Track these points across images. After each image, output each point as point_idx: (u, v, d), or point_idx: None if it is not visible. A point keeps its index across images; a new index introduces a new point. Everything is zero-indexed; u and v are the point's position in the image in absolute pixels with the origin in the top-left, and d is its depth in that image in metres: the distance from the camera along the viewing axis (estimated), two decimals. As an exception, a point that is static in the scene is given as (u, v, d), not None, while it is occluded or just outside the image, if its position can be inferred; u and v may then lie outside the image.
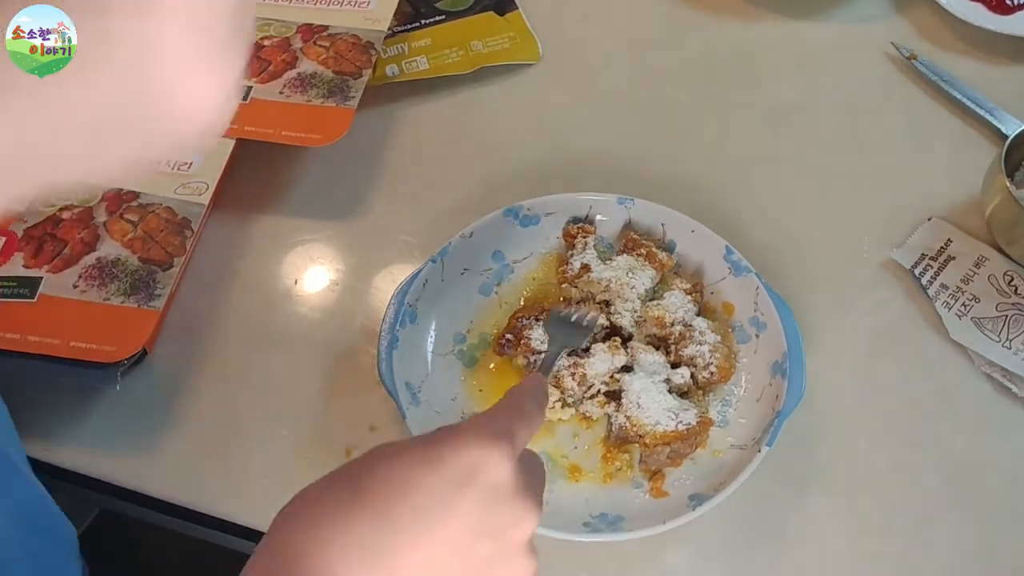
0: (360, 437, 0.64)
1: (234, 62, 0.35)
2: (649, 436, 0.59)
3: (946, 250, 0.71)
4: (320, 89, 0.77)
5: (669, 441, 0.59)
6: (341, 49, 0.80)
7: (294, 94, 0.77)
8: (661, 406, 0.60)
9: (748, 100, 0.83)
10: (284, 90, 0.78)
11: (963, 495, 0.62)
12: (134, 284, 0.66)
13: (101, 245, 0.68)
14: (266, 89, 0.78)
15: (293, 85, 0.78)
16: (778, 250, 0.72)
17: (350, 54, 0.80)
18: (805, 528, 0.61)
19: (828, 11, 0.89)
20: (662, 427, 0.59)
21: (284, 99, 0.77)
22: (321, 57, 0.80)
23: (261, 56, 0.80)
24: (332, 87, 0.78)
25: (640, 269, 0.66)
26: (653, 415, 0.60)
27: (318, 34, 0.82)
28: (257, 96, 0.77)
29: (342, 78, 0.78)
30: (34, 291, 0.65)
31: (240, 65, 0.35)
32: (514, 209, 0.69)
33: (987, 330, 0.67)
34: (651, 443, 0.59)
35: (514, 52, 0.85)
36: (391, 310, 0.64)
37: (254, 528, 0.62)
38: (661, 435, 0.59)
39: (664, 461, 0.60)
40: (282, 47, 0.81)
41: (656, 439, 0.59)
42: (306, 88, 0.78)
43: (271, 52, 0.80)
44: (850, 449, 0.63)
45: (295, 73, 0.79)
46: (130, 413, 0.66)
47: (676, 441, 0.59)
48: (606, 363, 0.62)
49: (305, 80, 0.78)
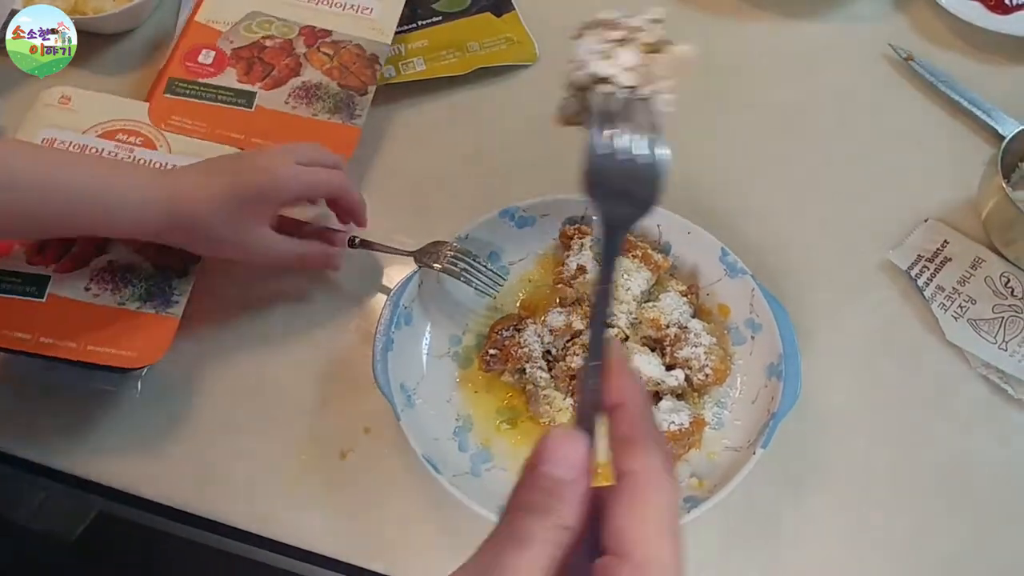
0: (355, 439, 0.64)
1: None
2: None
3: (942, 251, 0.71)
4: (326, 103, 0.78)
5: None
6: (346, 60, 0.80)
7: (300, 106, 0.77)
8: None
9: (744, 100, 0.83)
10: (289, 100, 0.78)
11: (959, 496, 0.62)
12: (149, 290, 0.66)
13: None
14: (271, 97, 0.78)
15: (299, 96, 0.78)
16: (774, 252, 0.72)
17: (355, 67, 0.80)
18: (801, 529, 0.61)
19: (826, 11, 0.89)
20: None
21: (290, 110, 0.77)
22: (326, 67, 0.80)
23: (264, 59, 0.80)
24: (338, 102, 0.78)
25: (636, 271, 0.66)
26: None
27: (321, 39, 0.82)
28: (262, 104, 0.77)
29: (348, 93, 0.78)
30: (43, 291, 0.65)
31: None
32: (510, 210, 0.69)
33: (983, 331, 0.67)
34: None
35: (511, 53, 0.85)
36: (386, 312, 0.64)
37: (249, 531, 0.62)
38: None
39: None
40: (285, 50, 0.81)
41: None
42: (312, 100, 0.78)
43: (274, 55, 0.80)
44: (846, 450, 0.63)
45: (300, 82, 0.79)
46: (128, 416, 0.66)
47: (669, 442, 0.59)
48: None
49: (311, 91, 0.78)
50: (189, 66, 0.79)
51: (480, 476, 0.60)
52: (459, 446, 0.62)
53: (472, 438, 0.63)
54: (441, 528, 0.61)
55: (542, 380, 0.63)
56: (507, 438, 0.63)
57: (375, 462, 0.63)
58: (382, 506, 0.62)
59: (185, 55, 0.80)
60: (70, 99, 0.76)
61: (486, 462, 0.61)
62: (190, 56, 0.80)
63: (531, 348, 0.64)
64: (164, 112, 0.76)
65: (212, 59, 0.80)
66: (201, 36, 0.81)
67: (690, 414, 0.60)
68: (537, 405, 0.62)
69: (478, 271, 0.66)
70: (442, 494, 0.57)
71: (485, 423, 0.63)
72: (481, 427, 0.63)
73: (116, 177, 0.61)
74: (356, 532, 0.61)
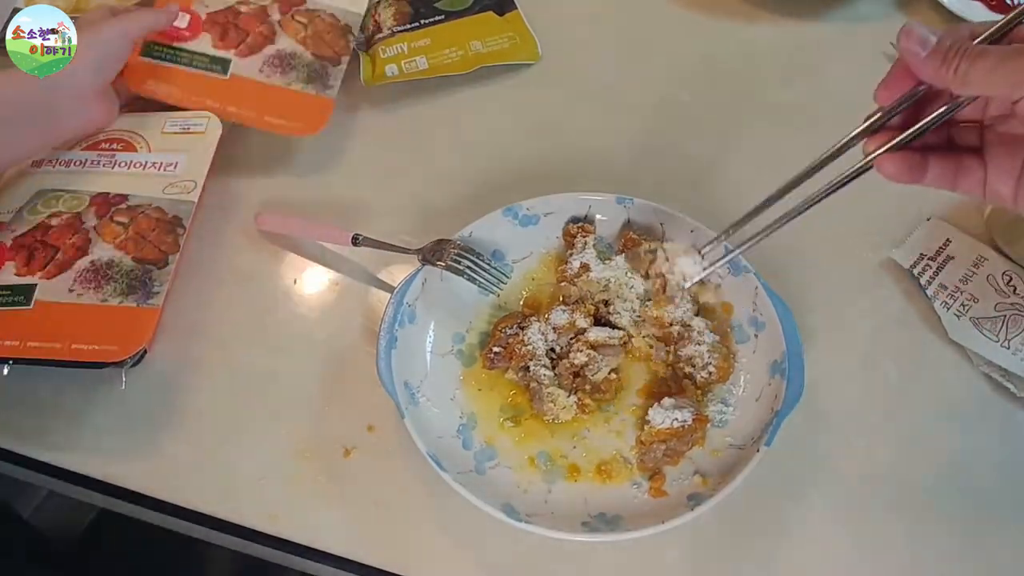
0: (359, 437, 0.64)
1: None
2: (645, 433, 0.59)
3: (945, 250, 0.71)
4: (300, 72, 0.78)
5: (665, 438, 0.59)
6: (320, 29, 0.81)
7: (274, 74, 0.78)
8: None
9: (747, 100, 0.83)
10: (264, 68, 0.79)
11: (961, 494, 0.62)
12: (131, 284, 0.66)
13: (93, 248, 0.68)
14: (246, 65, 0.79)
15: (272, 64, 0.79)
16: (777, 250, 0.72)
17: (328, 36, 0.81)
18: (803, 527, 0.61)
19: (828, 11, 0.89)
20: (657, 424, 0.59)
21: (264, 79, 0.78)
22: (300, 36, 0.80)
23: (239, 25, 0.81)
24: (312, 72, 0.79)
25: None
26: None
27: (296, 7, 0.83)
28: (237, 72, 0.78)
29: (321, 63, 0.79)
30: (30, 298, 0.65)
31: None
32: (513, 209, 0.69)
33: (985, 330, 0.67)
34: (647, 440, 0.59)
35: (514, 52, 0.85)
36: (390, 310, 0.64)
37: (253, 528, 0.62)
38: (656, 432, 0.59)
39: (661, 459, 0.60)
40: (260, 17, 0.81)
41: (652, 436, 0.59)
42: (286, 69, 0.78)
43: (248, 21, 0.81)
44: (849, 448, 0.64)
45: (274, 50, 0.79)
46: (129, 414, 0.66)
47: (672, 438, 0.59)
48: (604, 330, 0.65)
49: (284, 59, 0.79)
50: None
51: (484, 474, 0.60)
52: (463, 444, 0.62)
53: (476, 436, 0.63)
54: (445, 526, 0.61)
55: (545, 378, 0.63)
56: (511, 436, 0.63)
57: (379, 460, 0.63)
58: (386, 504, 0.62)
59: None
60: None
61: (490, 459, 0.61)
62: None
63: (535, 346, 0.64)
64: (141, 76, 0.77)
65: (187, 23, 0.80)
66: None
67: (692, 411, 0.60)
68: (541, 403, 0.62)
69: (482, 269, 0.67)
70: (446, 492, 0.57)
71: (489, 421, 0.63)
72: (485, 425, 0.63)
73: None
74: (359, 529, 0.61)
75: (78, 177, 0.73)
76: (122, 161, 0.73)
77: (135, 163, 0.73)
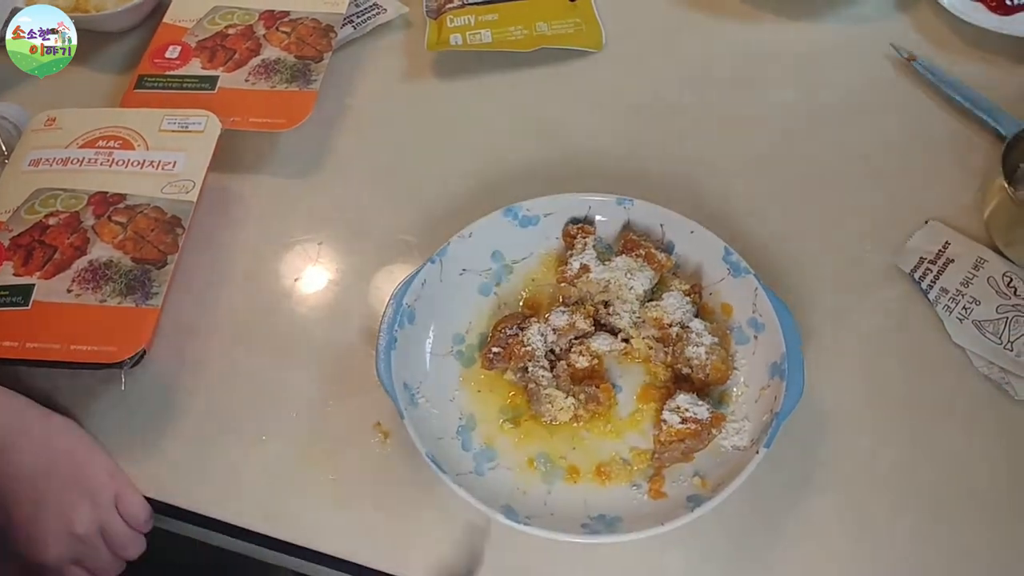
0: (358, 438, 0.64)
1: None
2: (664, 433, 0.59)
3: (944, 252, 0.71)
4: (283, 74, 0.80)
5: (683, 437, 0.59)
6: (303, 34, 0.83)
7: (259, 81, 0.80)
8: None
9: (747, 101, 0.83)
10: (249, 77, 0.80)
11: (962, 497, 0.62)
12: (129, 284, 0.66)
13: (92, 248, 0.68)
14: (233, 78, 0.80)
15: (258, 72, 0.81)
16: (777, 251, 0.72)
17: (311, 38, 0.83)
18: (804, 529, 0.61)
19: (828, 12, 0.89)
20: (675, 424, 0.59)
21: (250, 87, 0.80)
22: (284, 43, 0.83)
23: (226, 45, 0.83)
24: (295, 72, 0.80)
25: (639, 270, 0.66)
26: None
27: (280, 20, 0.85)
28: (224, 86, 0.80)
29: (304, 62, 0.81)
30: (28, 298, 0.65)
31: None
32: (513, 209, 0.69)
33: (987, 332, 0.67)
34: (665, 440, 0.59)
35: (578, 37, 0.87)
36: (389, 310, 0.64)
37: (253, 529, 0.62)
38: (676, 431, 0.59)
39: (678, 456, 0.60)
40: (245, 35, 0.84)
41: (671, 435, 0.59)
42: (270, 74, 0.80)
43: (235, 41, 0.83)
44: (850, 451, 0.63)
45: (259, 60, 0.81)
46: (128, 415, 0.66)
47: (690, 438, 0.59)
48: (607, 341, 0.65)
49: (269, 66, 0.81)
50: (157, 62, 0.82)
51: (484, 475, 0.60)
52: (462, 445, 0.62)
53: (475, 437, 0.62)
54: (445, 527, 0.61)
55: (544, 379, 0.63)
56: (510, 437, 0.63)
57: (378, 461, 0.63)
58: (385, 505, 0.62)
59: (153, 53, 0.83)
60: (55, 119, 0.77)
61: (490, 461, 0.61)
62: (158, 53, 0.83)
63: (534, 346, 0.64)
64: (134, 107, 0.79)
65: (178, 53, 0.82)
66: (169, 35, 0.85)
67: (709, 408, 0.60)
68: (539, 404, 0.62)
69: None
70: (446, 493, 0.57)
71: (488, 422, 0.63)
72: (484, 426, 0.63)
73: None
74: (358, 531, 0.61)
75: (76, 176, 0.73)
76: (120, 159, 0.73)
77: (133, 161, 0.73)
